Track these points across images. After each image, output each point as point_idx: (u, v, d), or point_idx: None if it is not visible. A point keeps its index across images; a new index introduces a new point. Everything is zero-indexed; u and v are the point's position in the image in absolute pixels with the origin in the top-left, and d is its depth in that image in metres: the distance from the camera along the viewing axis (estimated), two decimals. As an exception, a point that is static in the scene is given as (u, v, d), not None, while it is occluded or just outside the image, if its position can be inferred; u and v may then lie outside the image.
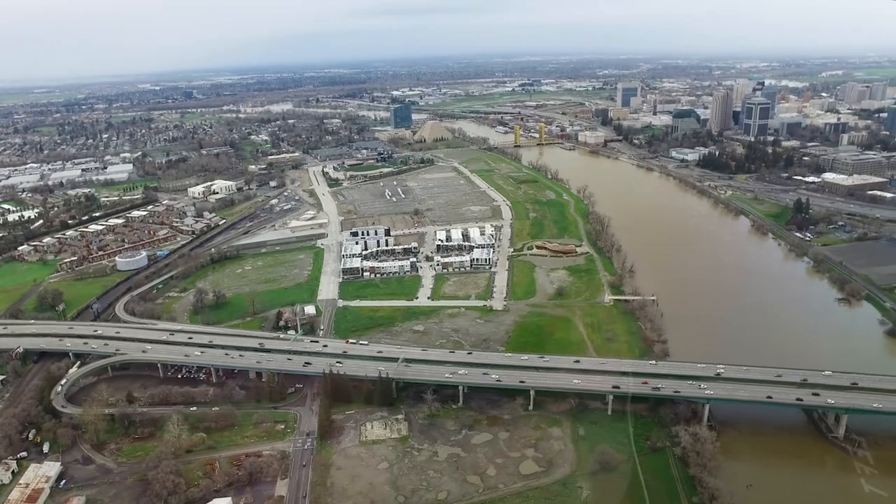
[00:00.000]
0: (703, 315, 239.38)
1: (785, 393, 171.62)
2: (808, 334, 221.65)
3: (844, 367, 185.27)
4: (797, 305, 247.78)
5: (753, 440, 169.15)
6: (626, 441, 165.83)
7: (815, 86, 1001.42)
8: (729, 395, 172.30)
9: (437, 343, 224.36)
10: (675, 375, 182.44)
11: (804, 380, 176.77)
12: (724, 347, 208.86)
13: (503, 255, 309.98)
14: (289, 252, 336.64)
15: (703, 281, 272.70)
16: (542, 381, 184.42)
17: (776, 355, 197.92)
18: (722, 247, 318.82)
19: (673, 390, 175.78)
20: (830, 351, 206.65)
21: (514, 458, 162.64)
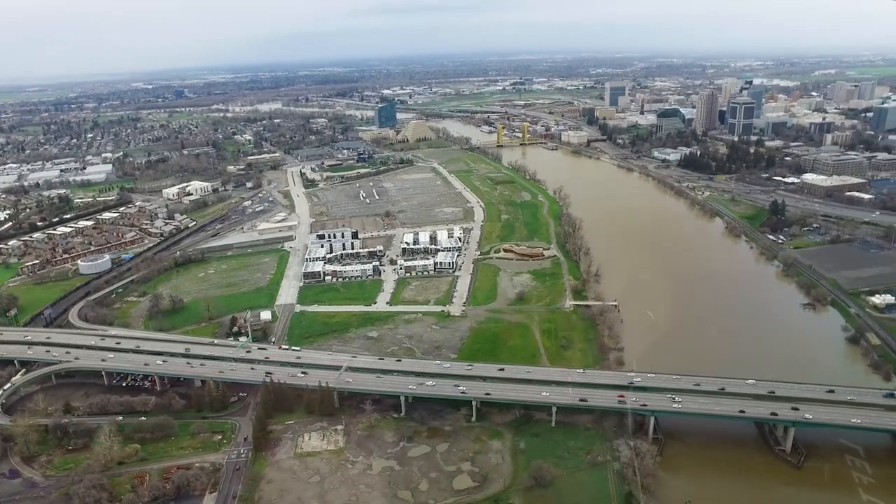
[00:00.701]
0: (663, 322, 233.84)
1: (731, 405, 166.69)
2: (768, 342, 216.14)
3: (801, 377, 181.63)
4: (761, 311, 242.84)
5: (700, 453, 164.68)
6: (567, 455, 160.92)
7: (807, 85, 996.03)
8: (664, 408, 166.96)
9: (388, 350, 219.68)
10: (621, 386, 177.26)
11: (767, 389, 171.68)
12: (680, 356, 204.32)
13: (469, 258, 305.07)
14: (254, 255, 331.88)
15: (669, 285, 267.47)
16: (485, 392, 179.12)
17: (732, 364, 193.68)
18: (693, 250, 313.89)
19: (608, 402, 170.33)
20: (788, 359, 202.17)
21: (449, 473, 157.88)
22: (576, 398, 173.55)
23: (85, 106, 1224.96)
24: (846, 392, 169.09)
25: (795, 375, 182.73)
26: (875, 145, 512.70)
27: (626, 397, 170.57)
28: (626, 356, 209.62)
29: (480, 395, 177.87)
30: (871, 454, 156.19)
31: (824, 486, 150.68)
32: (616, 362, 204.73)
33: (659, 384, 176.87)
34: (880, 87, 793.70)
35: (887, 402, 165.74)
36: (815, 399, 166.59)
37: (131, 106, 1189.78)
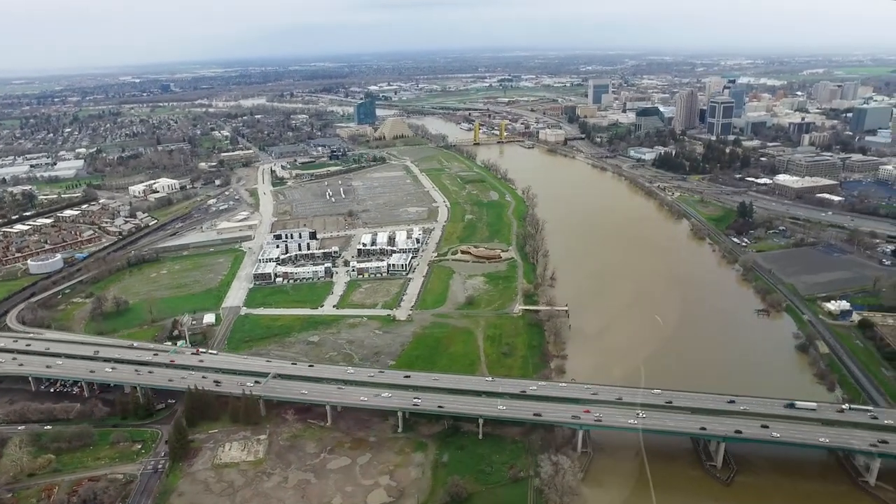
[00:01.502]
0: (612, 328, 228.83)
1: (662, 419, 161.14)
2: (716, 350, 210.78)
3: (744, 387, 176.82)
4: (715, 318, 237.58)
5: (629, 468, 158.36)
6: (489, 469, 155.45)
7: (793, 84, 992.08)
8: (592, 421, 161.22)
9: (326, 356, 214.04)
10: (552, 398, 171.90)
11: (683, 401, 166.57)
12: (623, 365, 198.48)
13: (426, 260, 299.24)
14: (210, 255, 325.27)
15: (625, 289, 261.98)
16: (412, 402, 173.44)
17: (675, 374, 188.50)
18: (655, 253, 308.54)
19: (540, 415, 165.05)
20: (733, 369, 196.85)
21: (365, 487, 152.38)
22: (503, 410, 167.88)
23: (68, 100, 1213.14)
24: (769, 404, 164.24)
25: (737, 386, 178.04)
26: (851, 146, 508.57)
27: (550, 409, 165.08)
28: (568, 364, 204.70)
29: (406, 406, 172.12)
30: (804, 470, 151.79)
31: (749, 500, 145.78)
32: (557, 371, 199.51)
33: (587, 395, 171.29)
34: (864, 87, 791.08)
35: (791, 412, 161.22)
36: (751, 414, 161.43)
37: (115, 100, 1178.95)
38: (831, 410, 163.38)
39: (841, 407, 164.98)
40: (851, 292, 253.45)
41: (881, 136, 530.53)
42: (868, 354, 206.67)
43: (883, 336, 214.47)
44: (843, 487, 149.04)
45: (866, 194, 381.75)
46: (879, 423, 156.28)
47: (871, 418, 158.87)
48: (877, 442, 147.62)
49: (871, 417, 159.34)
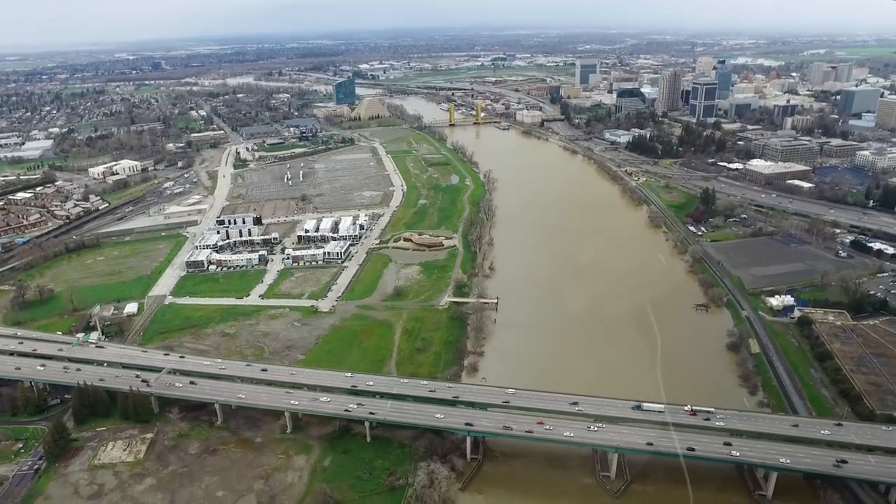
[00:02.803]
0: (538, 324, 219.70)
1: (556, 427, 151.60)
2: (640, 351, 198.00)
3: (661, 390, 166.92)
4: (651, 314, 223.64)
5: (520, 476, 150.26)
6: (368, 476, 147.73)
7: (790, 65, 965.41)
8: (470, 427, 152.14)
9: (237, 349, 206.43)
10: (445, 401, 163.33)
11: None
12: (538, 365, 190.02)
13: (366, 247, 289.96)
14: (152, 241, 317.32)
15: (563, 282, 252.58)
16: (300, 403, 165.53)
17: (590, 376, 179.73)
18: (605, 242, 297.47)
19: (427, 419, 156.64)
20: (653, 371, 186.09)
21: (237, 492, 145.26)
22: (392, 413, 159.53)
23: (57, 77, 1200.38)
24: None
25: (653, 389, 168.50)
26: (833, 130, 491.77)
27: (441, 413, 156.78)
28: (483, 362, 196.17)
29: (293, 407, 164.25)
30: (702, 481, 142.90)
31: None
32: (470, 369, 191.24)
33: (484, 398, 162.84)
34: (859, 68, 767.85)
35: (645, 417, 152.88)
36: (640, 421, 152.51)
37: (103, 78, 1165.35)
38: (682, 413, 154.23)
39: (686, 410, 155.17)
40: (799, 286, 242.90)
41: (865, 120, 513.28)
42: (801, 354, 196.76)
43: (819, 334, 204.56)
44: (738, 499, 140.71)
45: (838, 181, 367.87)
46: (714, 426, 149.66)
47: (703, 420, 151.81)
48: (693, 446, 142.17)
49: (704, 419, 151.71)
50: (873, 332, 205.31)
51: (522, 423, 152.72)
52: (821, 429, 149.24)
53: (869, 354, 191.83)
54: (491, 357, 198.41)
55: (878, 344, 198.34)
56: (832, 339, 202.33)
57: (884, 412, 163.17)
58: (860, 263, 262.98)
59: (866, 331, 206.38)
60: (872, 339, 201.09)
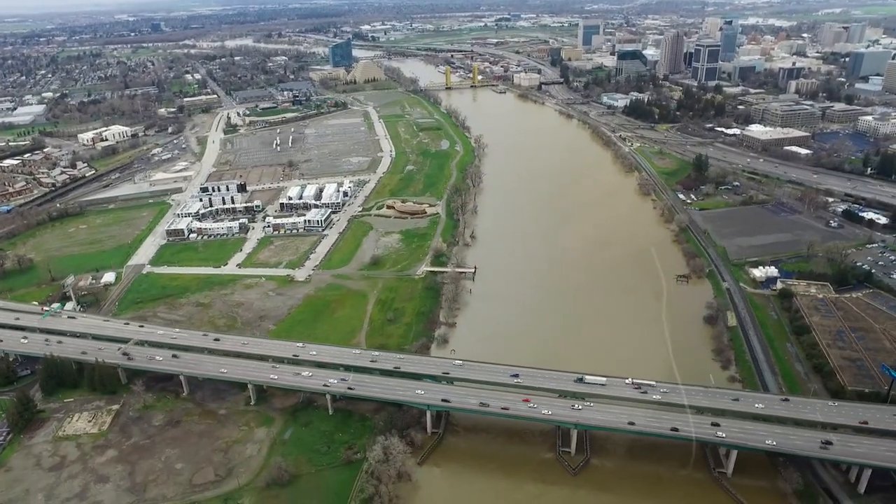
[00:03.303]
0: (516, 294, 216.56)
1: (506, 400, 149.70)
2: (618, 323, 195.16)
3: (632, 364, 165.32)
4: (630, 285, 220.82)
5: (480, 450, 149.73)
6: (326, 450, 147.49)
7: (802, 25, 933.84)
8: (429, 401, 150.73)
9: (209, 319, 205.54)
10: (407, 374, 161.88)
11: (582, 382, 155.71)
12: (510, 338, 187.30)
13: (348, 215, 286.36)
14: (136, 208, 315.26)
15: (545, 252, 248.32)
16: (263, 375, 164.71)
17: (563, 350, 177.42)
18: (591, 210, 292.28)
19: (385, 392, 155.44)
20: (626, 344, 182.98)
21: (196, 464, 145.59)
22: (350, 385, 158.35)
23: (55, 39, 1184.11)
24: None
25: (625, 363, 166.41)
26: (837, 94, 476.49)
27: (402, 387, 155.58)
28: (455, 333, 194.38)
29: (256, 379, 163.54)
30: (664, 457, 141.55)
31: (593, 488, 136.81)
32: (440, 340, 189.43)
33: (428, 370, 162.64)
34: (873, 28, 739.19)
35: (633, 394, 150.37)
36: (610, 397, 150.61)
37: (101, 40, 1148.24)
38: (623, 387, 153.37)
39: (627, 381, 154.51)
40: (785, 257, 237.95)
41: (872, 84, 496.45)
42: (779, 328, 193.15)
43: (799, 307, 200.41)
44: (698, 476, 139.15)
45: (838, 148, 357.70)
46: (649, 399, 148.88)
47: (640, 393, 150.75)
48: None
49: (642, 392, 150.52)
50: (855, 306, 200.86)
51: (483, 397, 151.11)
52: (760, 403, 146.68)
53: (847, 329, 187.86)
54: (462, 328, 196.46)
55: (858, 318, 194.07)
56: (812, 312, 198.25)
57: (855, 388, 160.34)
58: (850, 234, 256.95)
59: (848, 304, 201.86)
60: (853, 313, 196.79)
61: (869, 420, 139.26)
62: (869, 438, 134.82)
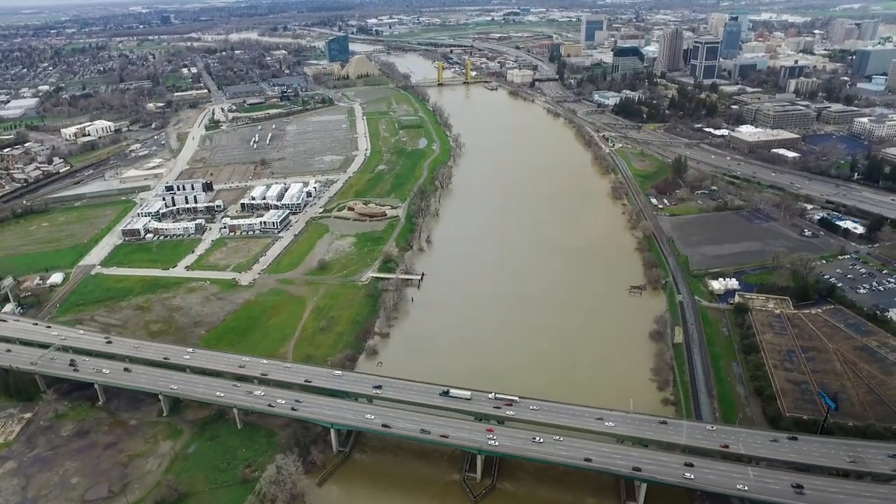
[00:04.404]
0: (459, 304, 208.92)
1: (416, 423, 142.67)
2: (557, 338, 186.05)
3: (566, 384, 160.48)
4: (580, 296, 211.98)
5: (384, 472, 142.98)
6: (225, 466, 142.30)
7: (815, 21, 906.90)
8: (332, 419, 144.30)
9: (144, 325, 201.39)
10: (321, 389, 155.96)
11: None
12: (441, 352, 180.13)
13: (308, 216, 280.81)
14: (101, 206, 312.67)
15: (500, 259, 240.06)
16: (178, 386, 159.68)
17: (496, 368, 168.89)
18: (558, 215, 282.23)
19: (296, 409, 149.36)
20: (561, 362, 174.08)
21: (92, 478, 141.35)
22: (265, 400, 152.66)
23: (64, 32, 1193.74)
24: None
25: (557, 383, 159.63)
26: (836, 95, 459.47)
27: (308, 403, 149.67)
28: (388, 344, 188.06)
29: (166, 390, 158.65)
30: (575, 484, 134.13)
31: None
32: (369, 352, 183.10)
33: (345, 387, 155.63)
34: (887, 25, 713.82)
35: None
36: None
37: (109, 32, 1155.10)
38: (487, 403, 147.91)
39: (490, 396, 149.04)
40: (750, 268, 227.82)
41: (874, 84, 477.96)
42: (728, 346, 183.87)
43: (752, 324, 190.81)
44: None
45: (827, 151, 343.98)
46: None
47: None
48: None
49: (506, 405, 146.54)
50: (812, 323, 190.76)
51: (389, 417, 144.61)
52: (633, 424, 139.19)
53: (799, 348, 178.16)
54: (396, 339, 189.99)
55: (813, 336, 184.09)
56: (765, 329, 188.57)
57: (793, 414, 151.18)
58: (824, 244, 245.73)
59: (805, 320, 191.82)
60: (808, 331, 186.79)
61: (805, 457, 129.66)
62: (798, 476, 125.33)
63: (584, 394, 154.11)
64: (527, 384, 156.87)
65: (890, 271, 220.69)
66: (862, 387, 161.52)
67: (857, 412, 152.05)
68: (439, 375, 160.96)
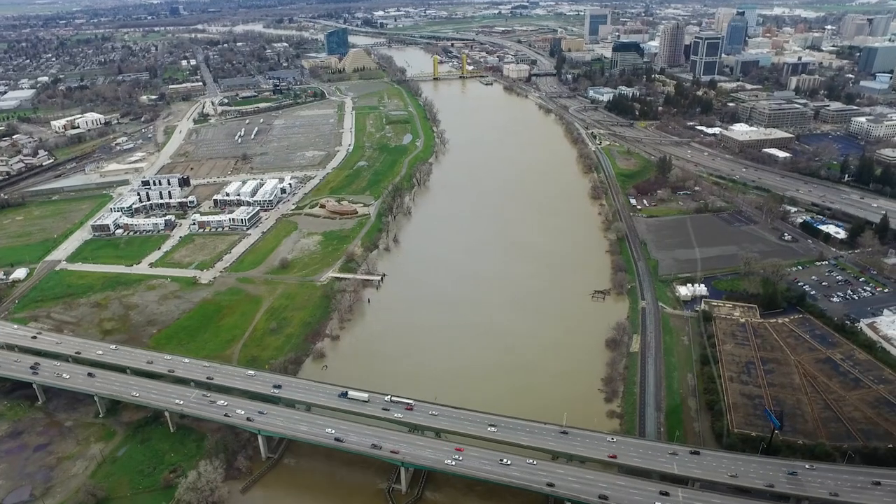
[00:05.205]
0: (415, 306, 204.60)
1: (343, 432, 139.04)
2: (509, 344, 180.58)
3: (510, 393, 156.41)
4: (542, 300, 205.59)
5: (310, 481, 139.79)
6: (151, 471, 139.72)
7: (829, 17, 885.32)
8: (258, 425, 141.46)
9: (97, 322, 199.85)
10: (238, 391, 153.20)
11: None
12: (389, 358, 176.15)
13: (280, 212, 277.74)
14: (78, 200, 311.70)
15: (468, 260, 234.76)
16: (108, 387, 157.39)
17: (436, 373, 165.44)
18: (533, 215, 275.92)
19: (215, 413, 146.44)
20: (510, 372, 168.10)
21: (16, 481, 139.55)
22: (198, 403, 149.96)
23: (73, 22, 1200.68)
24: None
25: (501, 395, 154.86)
26: (837, 93, 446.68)
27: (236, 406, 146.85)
28: (338, 346, 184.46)
29: (101, 391, 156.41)
30: (505, 499, 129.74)
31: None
32: (317, 355, 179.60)
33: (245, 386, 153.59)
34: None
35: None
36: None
37: (117, 23, 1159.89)
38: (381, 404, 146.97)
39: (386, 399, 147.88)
40: (722, 273, 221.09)
41: (878, 82, 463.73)
42: (686, 355, 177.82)
43: (715, 332, 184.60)
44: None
45: (820, 152, 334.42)
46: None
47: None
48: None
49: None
50: (777, 333, 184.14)
51: (318, 425, 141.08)
52: (538, 435, 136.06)
53: (759, 360, 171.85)
54: (346, 342, 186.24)
55: (776, 347, 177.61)
56: (727, 339, 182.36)
57: (742, 431, 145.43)
58: (803, 248, 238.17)
59: (770, 330, 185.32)
60: (771, 341, 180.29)
61: (739, 475, 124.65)
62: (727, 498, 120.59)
63: (525, 403, 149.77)
64: (466, 391, 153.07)
65: (867, 279, 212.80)
66: (818, 402, 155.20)
67: (810, 430, 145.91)
68: (382, 380, 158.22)
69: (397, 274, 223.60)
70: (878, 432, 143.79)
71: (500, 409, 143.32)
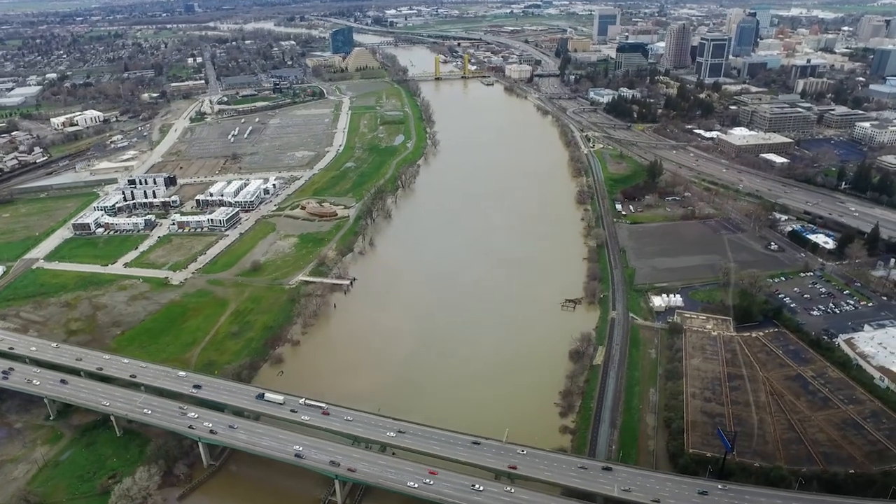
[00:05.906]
0: (382, 313, 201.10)
1: (287, 441, 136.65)
2: (471, 355, 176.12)
3: (464, 404, 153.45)
4: (511, 309, 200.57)
5: (251, 488, 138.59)
6: (90, 477, 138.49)
7: (847, 18, 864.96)
8: (198, 433, 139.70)
9: (63, 322, 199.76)
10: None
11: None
12: (347, 367, 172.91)
13: (260, 214, 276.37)
14: (65, 199, 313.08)
15: (442, 266, 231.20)
16: (58, 390, 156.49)
17: (393, 384, 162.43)
18: (515, 220, 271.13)
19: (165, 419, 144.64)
20: (466, 384, 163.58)
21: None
22: (142, 408, 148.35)
23: (89, 19, 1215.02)
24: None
25: (454, 408, 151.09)
26: (845, 96, 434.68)
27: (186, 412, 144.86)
28: (298, 352, 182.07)
29: (50, 393, 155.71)
30: None
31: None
32: (274, 361, 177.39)
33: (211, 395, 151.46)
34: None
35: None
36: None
37: (131, 20, 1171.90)
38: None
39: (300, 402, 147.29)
40: (700, 284, 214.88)
41: (888, 85, 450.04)
42: (652, 369, 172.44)
43: (683, 346, 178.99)
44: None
45: (820, 157, 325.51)
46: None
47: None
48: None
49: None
50: (749, 347, 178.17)
51: (258, 434, 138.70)
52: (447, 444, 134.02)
53: (726, 375, 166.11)
54: (307, 348, 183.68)
55: (746, 362, 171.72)
56: (695, 353, 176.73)
57: (697, 451, 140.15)
58: (789, 258, 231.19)
59: (741, 344, 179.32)
60: (742, 357, 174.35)
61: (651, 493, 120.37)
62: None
63: (469, 417, 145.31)
64: (412, 402, 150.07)
65: (851, 292, 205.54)
66: (782, 423, 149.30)
67: (769, 451, 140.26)
68: (333, 389, 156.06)
69: (368, 279, 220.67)
70: (840, 456, 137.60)
71: (444, 423, 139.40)
